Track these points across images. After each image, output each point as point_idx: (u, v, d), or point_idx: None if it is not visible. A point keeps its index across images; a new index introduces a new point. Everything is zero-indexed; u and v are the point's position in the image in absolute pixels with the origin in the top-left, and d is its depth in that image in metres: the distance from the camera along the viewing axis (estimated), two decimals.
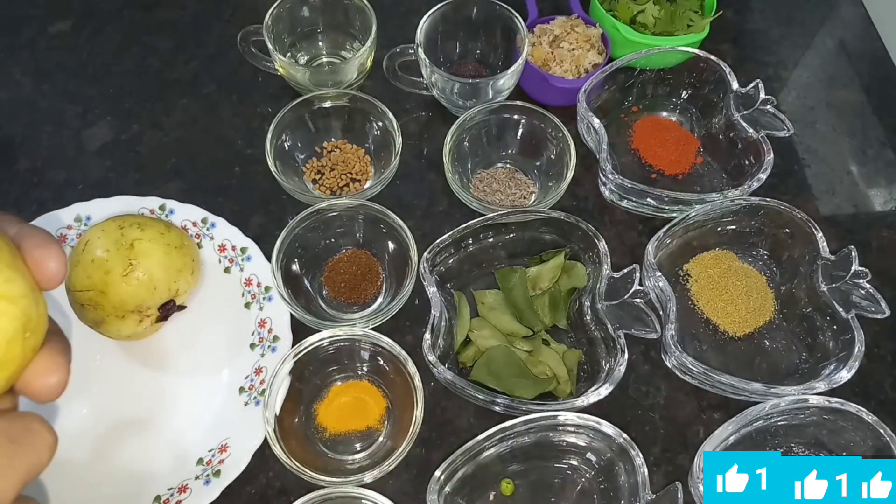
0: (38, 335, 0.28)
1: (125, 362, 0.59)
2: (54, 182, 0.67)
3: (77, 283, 0.54)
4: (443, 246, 0.59)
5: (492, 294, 0.63)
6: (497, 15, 0.70)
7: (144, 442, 0.56)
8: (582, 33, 0.72)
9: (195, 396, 0.58)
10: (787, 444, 0.58)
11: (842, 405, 0.54)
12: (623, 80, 0.72)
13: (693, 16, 0.73)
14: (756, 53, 0.80)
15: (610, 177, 0.64)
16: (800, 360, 0.61)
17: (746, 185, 0.63)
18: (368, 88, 0.72)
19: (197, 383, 0.58)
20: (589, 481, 0.56)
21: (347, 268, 0.63)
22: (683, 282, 0.65)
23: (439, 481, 0.51)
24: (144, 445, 0.56)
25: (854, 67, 0.80)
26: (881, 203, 0.71)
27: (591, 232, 0.60)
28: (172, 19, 0.78)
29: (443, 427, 0.58)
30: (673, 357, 0.59)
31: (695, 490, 0.54)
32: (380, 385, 0.58)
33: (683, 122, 0.74)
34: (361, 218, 0.63)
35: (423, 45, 0.67)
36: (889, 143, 0.75)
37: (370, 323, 0.59)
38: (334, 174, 0.67)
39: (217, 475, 0.53)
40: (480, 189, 0.68)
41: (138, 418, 0.57)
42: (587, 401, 0.53)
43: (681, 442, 0.58)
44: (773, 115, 0.67)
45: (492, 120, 0.68)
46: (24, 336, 0.26)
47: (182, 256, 0.56)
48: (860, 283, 0.59)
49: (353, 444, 0.57)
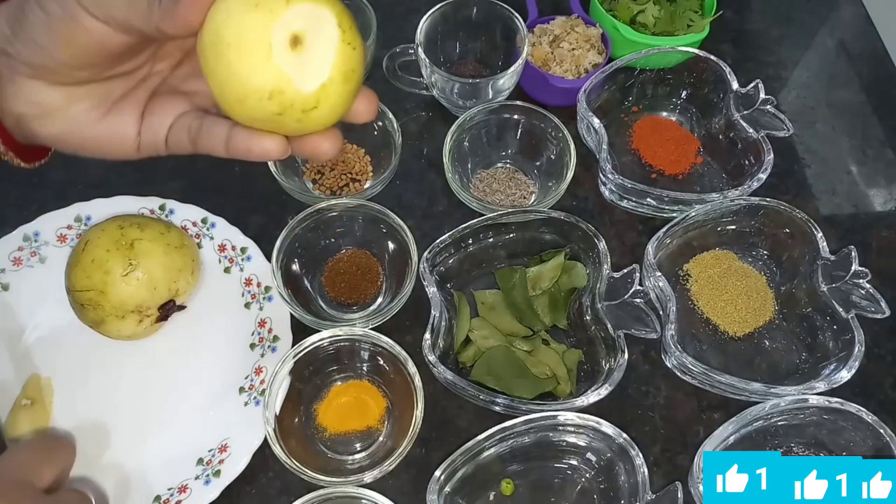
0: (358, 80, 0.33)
1: (125, 362, 0.59)
2: (54, 182, 0.67)
3: (77, 283, 0.54)
4: (443, 246, 0.59)
5: (492, 294, 0.63)
6: (497, 15, 0.70)
7: (144, 442, 0.56)
8: (582, 33, 0.72)
9: (195, 396, 0.58)
10: (787, 444, 0.58)
11: (842, 405, 0.54)
12: (623, 80, 0.72)
13: (693, 16, 0.73)
14: (756, 53, 0.80)
15: (610, 177, 0.64)
16: (800, 360, 0.61)
17: (746, 185, 0.63)
18: None
19: (197, 383, 0.58)
20: (589, 481, 0.56)
21: (347, 268, 0.63)
22: (683, 282, 0.65)
23: (439, 481, 0.51)
24: (144, 445, 0.56)
25: (854, 67, 0.80)
26: (881, 203, 0.71)
27: (591, 232, 0.60)
28: None
29: (443, 427, 0.58)
30: (673, 357, 0.59)
31: (695, 490, 0.54)
32: (380, 385, 0.58)
33: (683, 122, 0.74)
34: (361, 218, 0.63)
35: (423, 45, 0.67)
36: (889, 143, 0.75)
37: (370, 323, 0.59)
38: (334, 174, 0.67)
39: (217, 475, 0.53)
40: (480, 189, 0.68)
41: (138, 418, 0.57)
42: (587, 401, 0.53)
43: (681, 442, 0.58)
44: (773, 115, 0.67)
45: (492, 120, 0.68)
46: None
47: (182, 256, 0.56)
48: (860, 283, 0.59)
49: (353, 444, 0.57)
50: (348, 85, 0.31)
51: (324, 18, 0.30)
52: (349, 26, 0.31)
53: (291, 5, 0.29)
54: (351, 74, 0.31)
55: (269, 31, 0.29)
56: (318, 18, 0.30)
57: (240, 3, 0.29)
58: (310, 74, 0.30)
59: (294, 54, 0.29)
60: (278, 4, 0.29)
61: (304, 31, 0.30)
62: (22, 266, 0.61)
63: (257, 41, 0.29)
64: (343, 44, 0.30)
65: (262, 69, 0.29)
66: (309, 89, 0.30)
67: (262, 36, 0.29)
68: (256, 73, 0.29)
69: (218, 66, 0.30)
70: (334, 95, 0.31)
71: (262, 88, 0.30)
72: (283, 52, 0.29)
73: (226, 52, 0.29)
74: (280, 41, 0.29)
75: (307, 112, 0.31)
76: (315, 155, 0.34)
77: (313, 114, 0.31)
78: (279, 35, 0.29)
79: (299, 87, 0.30)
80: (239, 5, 0.29)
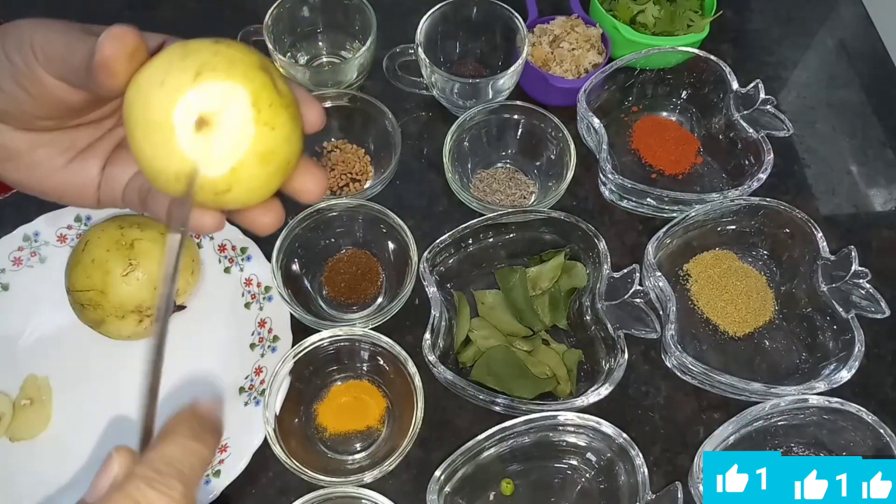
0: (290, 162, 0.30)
1: (125, 362, 0.59)
2: None
3: (77, 283, 0.54)
4: (443, 246, 0.59)
5: (492, 294, 0.62)
6: (497, 15, 0.70)
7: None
8: (582, 33, 0.72)
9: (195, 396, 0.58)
10: (787, 444, 0.58)
11: (842, 405, 0.54)
12: (623, 80, 0.71)
13: (693, 16, 0.73)
14: (756, 53, 0.80)
15: (610, 177, 0.64)
16: (800, 360, 0.61)
17: (746, 185, 0.63)
18: (368, 88, 0.72)
19: (197, 383, 0.58)
20: (589, 481, 0.56)
21: (347, 268, 0.63)
22: (683, 282, 0.65)
23: (439, 481, 0.51)
24: None
25: (854, 67, 0.80)
26: (881, 203, 0.71)
27: (591, 232, 0.60)
28: (172, 19, 0.78)
29: (443, 427, 0.58)
30: (673, 357, 0.59)
31: (695, 490, 0.54)
32: (380, 385, 0.58)
33: (683, 122, 0.74)
34: (361, 218, 0.63)
35: (423, 45, 0.67)
36: (889, 143, 0.75)
37: (370, 323, 0.59)
38: (334, 174, 0.67)
39: (217, 475, 0.53)
40: (480, 189, 0.68)
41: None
42: (587, 401, 0.53)
43: (681, 442, 0.58)
44: (773, 115, 0.67)
45: (492, 120, 0.68)
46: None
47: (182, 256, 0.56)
48: (860, 283, 0.59)
49: (353, 444, 0.57)
50: (267, 167, 0.29)
51: (235, 97, 0.27)
52: (269, 104, 0.28)
53: (199, 82, 0.27)
54: (269, 156, 0.28)
55: (170, 112, 0.27)
56: (229, 97, 0.27)
57: (147, 79, 0.28)
58: (218, 158, 0.28)
59: (200, 136, 0.27)
60: (184, 82, 0.27)
61: (213, 112, 0.27)
62: (22, 266, 0.61)
63: (160, 123, 0.27)
64: (259, 125, 0.28)
65: (165, 152, 0.28)
66: (217, 174, 0.28)
67: (164, 118, 0.27)
68: (159, 156, 0.28)
69: (131, 142, 0.28)
70: (250, 179, 0.28)
71: (167, 171, 0.28)
72: (188, 135, 0.27)
73: (133, 130, 0.28)
74: (184, 123, 0.27)
75: (220, 194, 0.29)
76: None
77: (228, 196, 0.29)
78: (183, 116, 0.27)
79: (206, 171, 0.28)
80: (146, 81, 0.28)
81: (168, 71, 0.27)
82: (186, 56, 0.28)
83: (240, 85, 0.27)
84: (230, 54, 0.28)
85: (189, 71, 0.27)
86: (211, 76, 0.27)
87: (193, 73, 0.27)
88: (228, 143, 0.28)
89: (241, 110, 0.28)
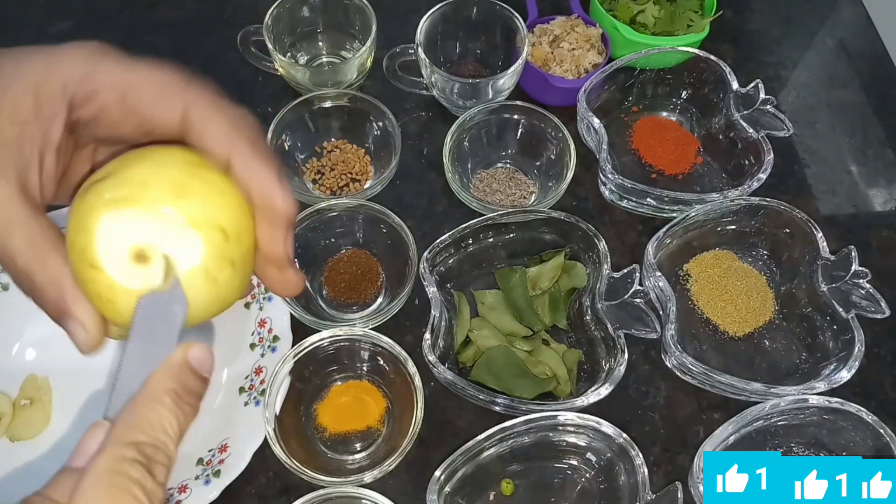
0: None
1: None
2: None
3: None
4: (443, 246, 0.59)
5: (492, 294, 0.62)
6: (497, 15, 0.70)
7: None
8: (582, 33, 0.72)
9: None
10: (787, 444, 0.58)
11: (842, 405, 0.54)
12: (623, 80, 0.71)
13: (693, 16, 0.73)
14: (756, 53, 0.80)
15: (610, 177, 0.64)
16: (800, 360, 0.61)
17: (746, 185, 0.63)
18: (368, 88, 0.72)
19: None
20: (589, 481, 0.56)
21: (347, 268, 0.63)
22: (683, 282, 0.65)
23: (439, 481, 0.51)
24: None
25: (854, 67, 0.80)
26: (881, 203, 0.71)
27: (591, 232, 0.60)
28: (172, 19, 0.78)
29: (443, 427, 0.58)
30: (673, 357, 0.59)
31: (695, 490, 0.54)
32: (380, 385, 0.58)
33: (683, 122, 0.74)
34: (361, 218, 0.63)
35: (423, 45, 0.67)
36: (889, 143, 0.75)
37: (370, 323, 0.59)
38: (334, 174, 0.67)
39: (217, 475, 0.53)
40: (480, 189, 0.68)
41: None
42: (587, 401, 0.53)
43: (681, 442, 0.58)
44: (773, 115, 0.67)
45: (492, 120, 0.68)
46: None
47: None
48: (860, 283, 0.59)
49: (353, 444, 0.57)
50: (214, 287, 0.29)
51: (170, 218, 0.28)
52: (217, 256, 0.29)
53: (151, 206, 0.28)
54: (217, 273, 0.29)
55: (92, 239, 0.28)
56: (164, 219, 0.28)
57: (81, 196, 0.29)
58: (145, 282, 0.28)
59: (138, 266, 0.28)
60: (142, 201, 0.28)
61: (150, 242, 0.28)
62: None
63: (83, 249, 0.28)
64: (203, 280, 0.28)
65: (89, 279, 0.28)
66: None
67: (86, 243, 0.28)
68: (86, 282, 0.29)
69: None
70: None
71: (97, 295, 0.29)
72: (120, 266, 0.28)
73: (70, 252, 0.29)
74: (114, 252, 0.28)
75: None
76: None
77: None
78: (111, 243, 0.28)
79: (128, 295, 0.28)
80: (79, 198, 0.29)
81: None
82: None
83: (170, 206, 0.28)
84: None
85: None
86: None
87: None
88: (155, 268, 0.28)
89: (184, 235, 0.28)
